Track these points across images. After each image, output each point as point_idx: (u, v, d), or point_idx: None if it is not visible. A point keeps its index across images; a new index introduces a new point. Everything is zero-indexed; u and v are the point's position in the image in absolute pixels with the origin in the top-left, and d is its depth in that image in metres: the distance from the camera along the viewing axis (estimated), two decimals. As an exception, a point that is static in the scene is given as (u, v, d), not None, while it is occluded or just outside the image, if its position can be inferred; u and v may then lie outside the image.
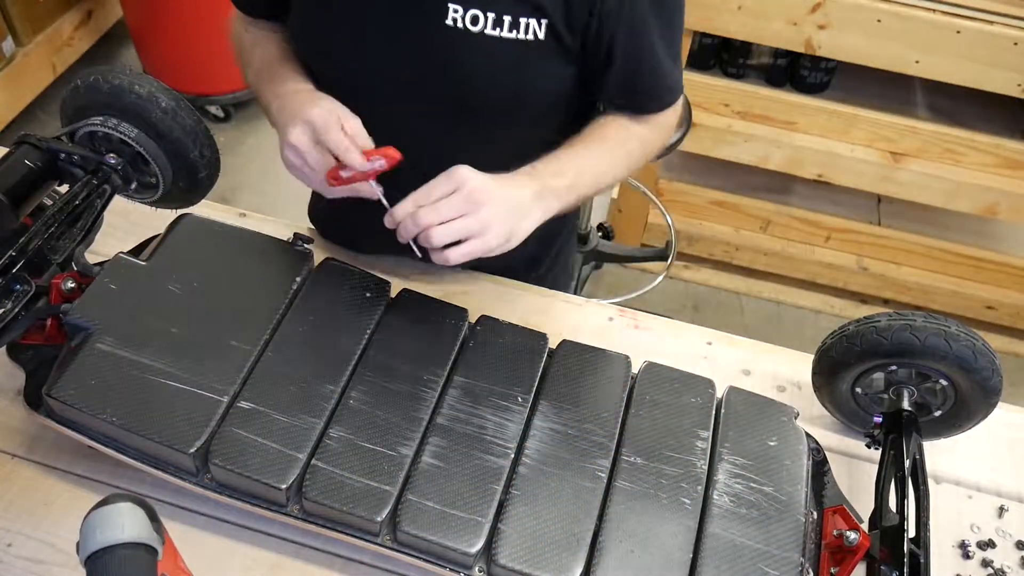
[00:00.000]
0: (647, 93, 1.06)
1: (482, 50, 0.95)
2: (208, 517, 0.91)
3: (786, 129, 2.16)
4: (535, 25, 0.94)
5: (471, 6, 0.93)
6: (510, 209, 0.92)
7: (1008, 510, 1.01)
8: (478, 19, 0.93)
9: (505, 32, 0.94)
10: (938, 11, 1.85)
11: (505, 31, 0.94)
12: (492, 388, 0.94)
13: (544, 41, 0.95)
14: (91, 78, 1.01)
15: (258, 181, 2.76)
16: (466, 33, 0.94)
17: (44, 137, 1.00)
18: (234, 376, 0.90)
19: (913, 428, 0.95)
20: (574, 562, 0.82)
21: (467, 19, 0.93)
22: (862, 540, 0.85)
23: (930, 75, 1.95)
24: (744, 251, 2.47)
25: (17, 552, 0.87)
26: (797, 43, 1.96)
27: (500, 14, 0.93)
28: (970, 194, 2.13)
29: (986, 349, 0.90)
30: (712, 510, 0.87)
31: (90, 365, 0.88)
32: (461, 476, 0.86)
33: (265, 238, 1.04)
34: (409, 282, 1.11)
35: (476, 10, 0.93)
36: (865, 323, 0.95)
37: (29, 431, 0.96)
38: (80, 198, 0.99)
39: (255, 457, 0.85)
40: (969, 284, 2.40)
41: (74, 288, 0.95)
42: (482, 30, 0.93)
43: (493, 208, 0.90)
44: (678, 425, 0.93)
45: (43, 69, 2.72)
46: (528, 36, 0.94)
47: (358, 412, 0.89)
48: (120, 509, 0.60)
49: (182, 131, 1.03)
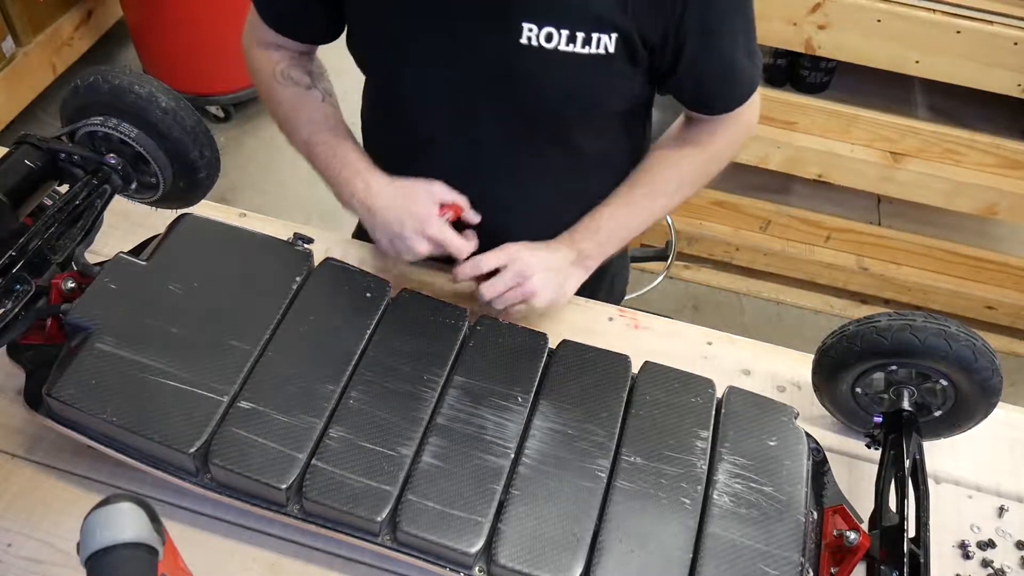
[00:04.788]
0: (719, 93, 1.08)
1: (556, 66, 0.97)
2: (208, 517, 0.91)
3: (786, 129, 2.16)
4: (607, 40, 0.96)
5: (546, 24, 0.94)
6: (553, 277, 1.05)
7: (1008, 510, 1.01)
8: (552, 36, 0.95)
9: (578, 48, 0.96)
10: (938, 11, 1.85)
11: (578, 47, 0.96)
12: (492, 388, 0.94)
13: (615, 55, 0.97)
14: (91, 78, 1.01)
15: (258, 181, 2.76)
16: (540, 50, 0.96)
17: (44, 137, 1.00)
18: (234, 376, 0.90)
19: (913, 428, 0.95)
20: (574, 562, 0.82)
21: (541, 37, 0.95)
22: (862, 540, 0.85)
23: (930, 75, 1.95)
24: (744, 251, 2.47)
25: (17, 552, 0.87)
26: (797, 43, 1.95)
27: (573, 31, 0.95)
28: (970, 194, 2.13)
29: (986, 349, 0.90)
30: (712, 510, 0.87)
31: (90, 365, 0.88)
32: (461, 476, 0.86)
33: (265, 238, 1.04)
34: (409, 282, 1.11)
35: (551, 27, 0.95)
36: (865, 323, 0.95)
37: (29, 431, 0.96)
38: (80, 198, 0.99)
39: (255, 457, 0.85)
40: (969, 284, 2.40)
41: (74, 288, 0.95)
42: (556, 47, 0.95)
43: (538, 278, 1.03)
44: (678, 425, 0.93)
45: (43, 69, 2.72)
46: (599, 50, 0.96)
47: (358, 412, 0.89)
48: (121, 509, 0.60)
49: (182, 131, 1.03)
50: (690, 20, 0.96)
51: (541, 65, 0.97)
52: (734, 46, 1.02)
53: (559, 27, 0.95)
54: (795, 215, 2.38)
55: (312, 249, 1.04)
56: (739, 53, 1.03)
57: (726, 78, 1.05)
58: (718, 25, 0.99)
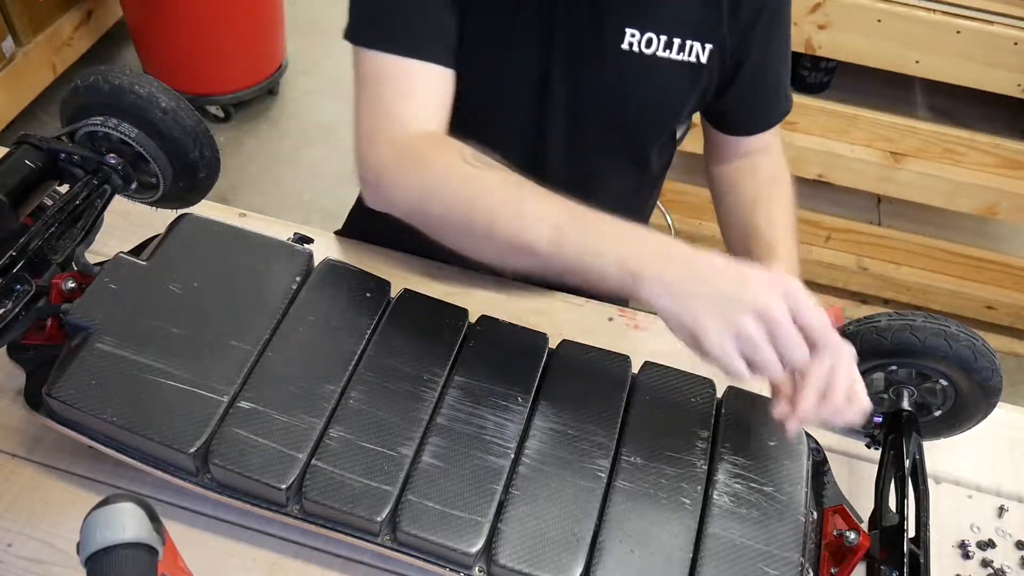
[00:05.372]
0: (771, 107, 1.10)
1: (652, 71, 0.99)
2: (208, 517, 0.91)
3: (786, 129, 2.15)
4: (699, 48, 0.98)
5: (648, 29, 0.97)
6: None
7: (1008, 510, 1.01)
8: (652, 41, 0.97)
9: (674, 54, 0.98)
10: (938, 11, 1.85)
11: (674, 53, 0.98)
12: (492, 388, 0.94)
13: (706, 64, 1.00)
14: (91, 78, 1.01)
15: (258, 181, 2.76)
16: (640, 56, 0.97)
17: (44, 137, 1.00)
18: (234, 376, 0.90)
19: (913, 428, 0.95)
20: (574, 562, 0.82)
21: (643, 42, 0.97)
22: (862, 540, 0.85)
23: (930, 75, 1.95)
24: (744, 251, 2.47)
25: (17, 552, 0.87)
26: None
27: (671, 36, 0.97)
28: (970, 194, 2.13)
29: (986, 349, 0.90)
30: (712, 510, 0.87)
31: (90, 365, 0.88)
32: (461, 476, 0.86)
33: (265, 238, 1.04)
34: (409, 282, 1.11)
35: (651, 33, 0.97)
36: (865, 323, 0.95)
37: (29, 431, 0.96)
38: (80, 198, 0.99)
39: (255, 457, 0.85)
40: (969, 284, 2.40)
41: (74, 288, 0.95)
42: (655, 52, 0.98)
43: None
44: (678, 425, 0.93)
45: (43, 69, 2.72)
46: (692, 58, 0.99)
47: (358, 412, 0.89)
48: (120, 509, 0.60)
49: (182, 131, 1.03)
50: (758, 32, 0.99)
51: (638, 71, 0.99)
52: (782, 60, 1.06)
53: (659, 32, 0.97)
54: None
55: (312, 249, 1.04)
56: (785, 67, 1.06)
57: (777, 92, 1.09)
58: (777, 37, 1.03)
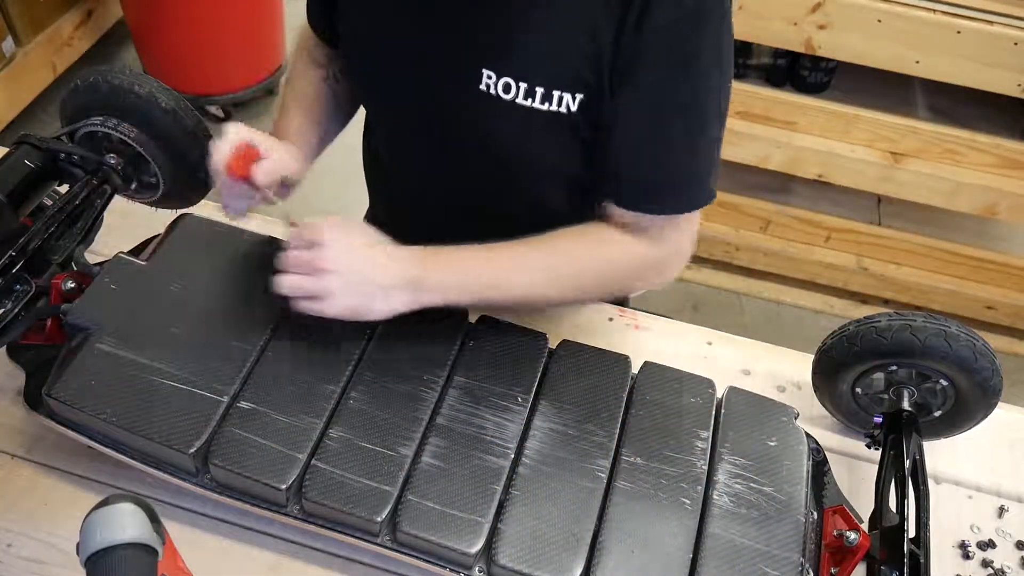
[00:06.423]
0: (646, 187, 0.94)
1: (511, 118, 0.93)
2: (208, 517, 0.91)
3: (786, 129, 2.16)
4: (568, 99, 0.90)
5: (504, 74, 0.91)
6: (356, 287, 0.88)
7: (1008, 510, 1.01)
8: (510, 87, 0.91)
9: (536, 103, 0.91)
10: (938, 11, 1.85)
11: (537, 102, 0.91)
12: (492, 388, 0.94)
13: (575, 114, 0.92)
14: (91, 78, 1.01)
15: (258, 181, 2.76)
16: (498, 99, 0.92)
17: (44, 137, 1.00)
18: (234, 376, 0.90)
19: (913, 428, 0.95)
20: (574, 562, 0.82)
21: (499, 87, 0.91)
22: (862, 540, 0.85)
23: (930, 75, 1.95)
24: (744, 251, 2.47)
25: (17, 552, 0.87)
26: (797, 43, 1.95)
27: (533, 85, 0.90)
28: (970, 194, 2.13)
29: (986, 349, 0.90)
30: (712, 510, 0.87)
31: (90, 365, 0.88)
32: (461, 476, 0.86)
33: (265, 238, 1.04)
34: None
35: (509, 79, 0.91)
36: (865, 323, 0.95)
37: (29, 431, 0.96)
38: (80, 198, 0.99)
39: (255, 457, 0.85)
40: (969, 284, 2.40)
41: (74, 288, 0.95)
42: (513, 99, 0.91)
43: (336, 280, 0.87)
44: (678, 425, 0.93)
45: (43, 69, 2.72)
46: (560, 109, 0.91)
47: (358, 412, 0.89)
48: (120, 509, 0.60)
49: (182, 131, 1.03)
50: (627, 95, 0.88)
51: (496, 116, 0.93)
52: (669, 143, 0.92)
53: (518, 79, 0.90)
54: (795, 215, 2.38)
55: (312, 249, 1.04)
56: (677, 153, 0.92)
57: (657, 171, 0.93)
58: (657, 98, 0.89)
